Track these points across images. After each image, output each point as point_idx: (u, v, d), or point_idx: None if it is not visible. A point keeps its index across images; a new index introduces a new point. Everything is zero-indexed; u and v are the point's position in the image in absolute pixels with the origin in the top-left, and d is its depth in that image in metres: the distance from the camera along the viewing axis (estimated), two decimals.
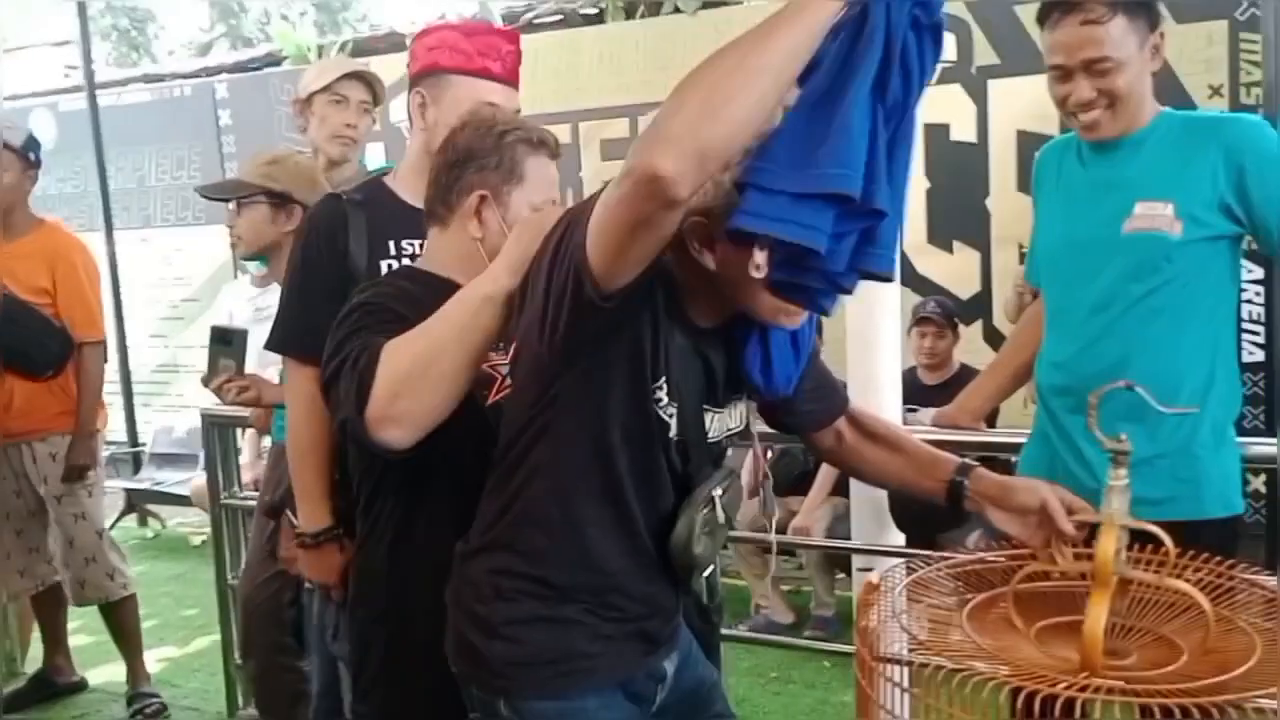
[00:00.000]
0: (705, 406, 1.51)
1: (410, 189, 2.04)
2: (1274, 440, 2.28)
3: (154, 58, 19.24)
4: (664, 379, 1.42)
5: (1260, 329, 4.54)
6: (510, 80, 2.11)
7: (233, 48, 16.94)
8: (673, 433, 1.44)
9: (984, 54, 5.08)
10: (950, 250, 5.25)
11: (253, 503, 3.50)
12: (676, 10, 6.14)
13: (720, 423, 1.56)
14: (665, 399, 1.42)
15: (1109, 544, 1.36)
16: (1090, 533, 1.44)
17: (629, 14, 6.52)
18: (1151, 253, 2.03)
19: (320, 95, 3.02)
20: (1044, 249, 2.26)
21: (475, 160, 1.71)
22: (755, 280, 1.29)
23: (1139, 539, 1.46)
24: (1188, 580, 1.39)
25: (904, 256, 5.55)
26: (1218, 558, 1.48)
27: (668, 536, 1.47)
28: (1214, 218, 2.03)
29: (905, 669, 1.39)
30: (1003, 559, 1.55)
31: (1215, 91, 4.61)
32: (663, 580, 1.53)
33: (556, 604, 1.46)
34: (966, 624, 1.46)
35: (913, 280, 5.16)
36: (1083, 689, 1.20)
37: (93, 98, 6.91)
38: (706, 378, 1.50)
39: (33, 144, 3.77)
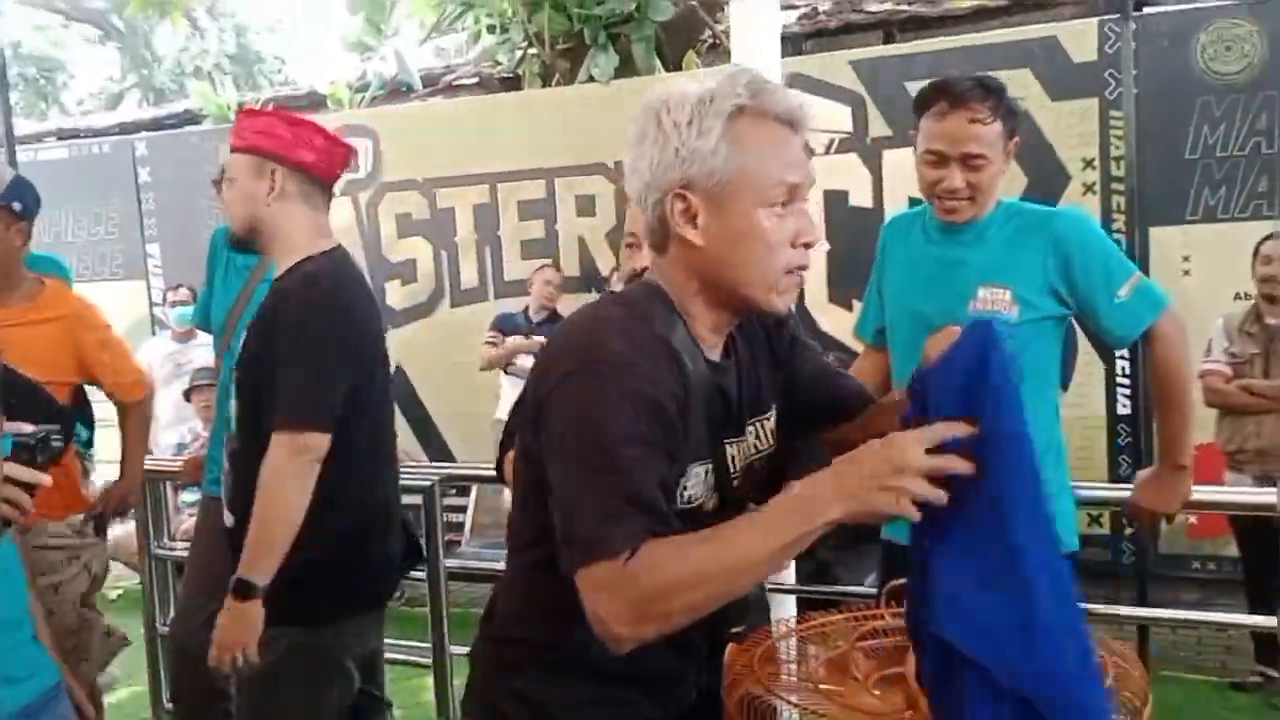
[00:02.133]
0: (725, 440, 1.48)
1: None
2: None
3: (63, 108, 19.05)
4: (688, 468, 1.40)
5: (1129, 383, 4.87)
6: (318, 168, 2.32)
7: (145, 100, 16.87)
8: (709, 505, 1.45)
9: (878, 126, 5.39)
10: (849, 308, 5.52)
11: (182, 554, 3.59)
12: (591, 79, 6.39)
13: (742, 450, 1.52)
14: (689, 485, 1.41)
15: None
16: None
17: (545, 81, 6.75)
18: None
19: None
20: (894, 319, 2.49)
21: None
22: (755, 240, 1.33)
23: None
24: None
25: (805, 312, 5.84)
26: None
27: None
28: (1044, 301, 2.29)
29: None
30: (842, 619, 1.74)
31: (1088, 164, 4.97)
32: (694, 638, 1.49)
33: (609, 685, 1.46)
34: (821, 675, 1.65)
35: (814, 336, 5.41)
36: None
37: (12, 153, 6.94)
38: (724, 409, 1.47)
39: (15, 192, 3.02)
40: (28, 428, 1.73)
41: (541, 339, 5.86)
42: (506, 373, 5.95)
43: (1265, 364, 4.11)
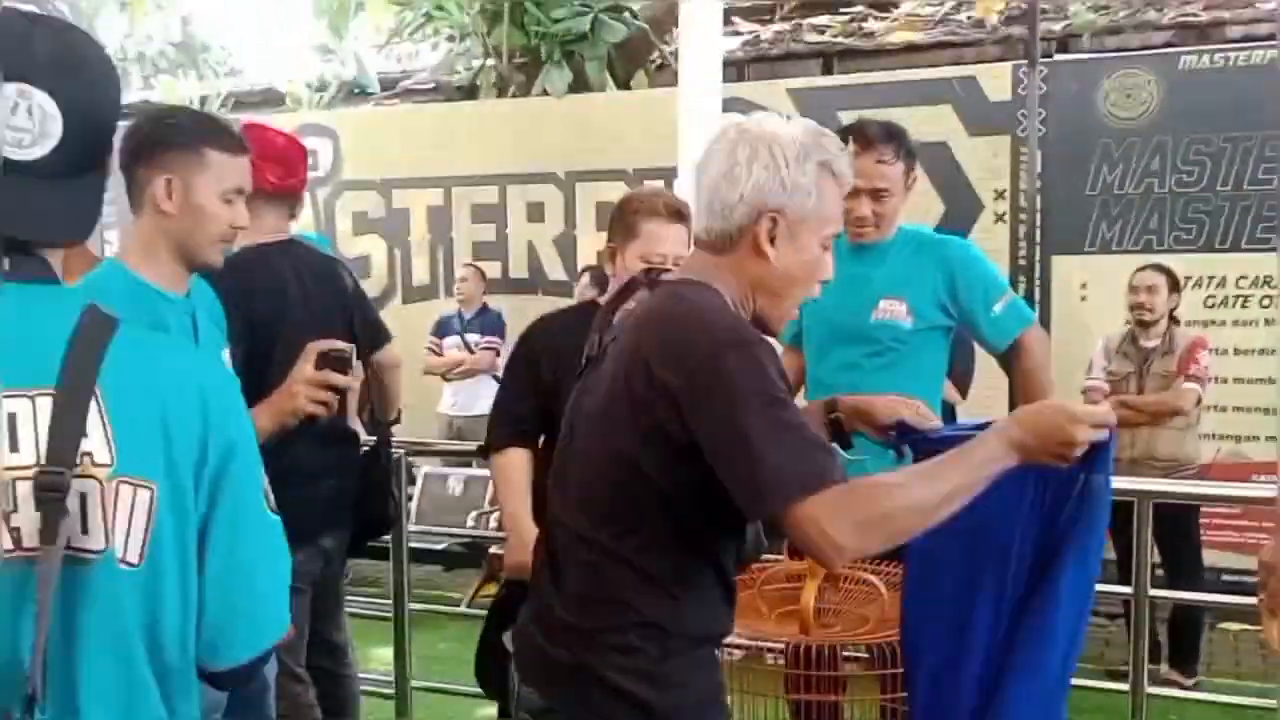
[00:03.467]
0: None
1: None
2: None
3: None
4: None
5: None
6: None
7: None
8: None
9: None
10: None
11: None
12: (545, 93, 6.75)
13: None
14: None
15: None
16: None
17: (501, 92, 7.09)
18: (891, 336, 2.69)
19: None
20: (809, 325, 2.86)
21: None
22: (809, 268, 1.60)
23: None
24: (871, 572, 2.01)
25: None
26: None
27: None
28: (933, 313, 2.72)
29: None
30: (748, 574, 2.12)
31: (999, 195, 5.44)
32: None
33: (699, 648, 1.61)
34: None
35: None
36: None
37: None
38: None
39: None
40: (340, 344, 2.15)
41: (479, 341, 6.20)
42: (446, 380, 6.27)
43: (1139, 382, 4.58)
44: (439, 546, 5.53)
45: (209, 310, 2.19)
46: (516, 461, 2.51)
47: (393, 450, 3.04)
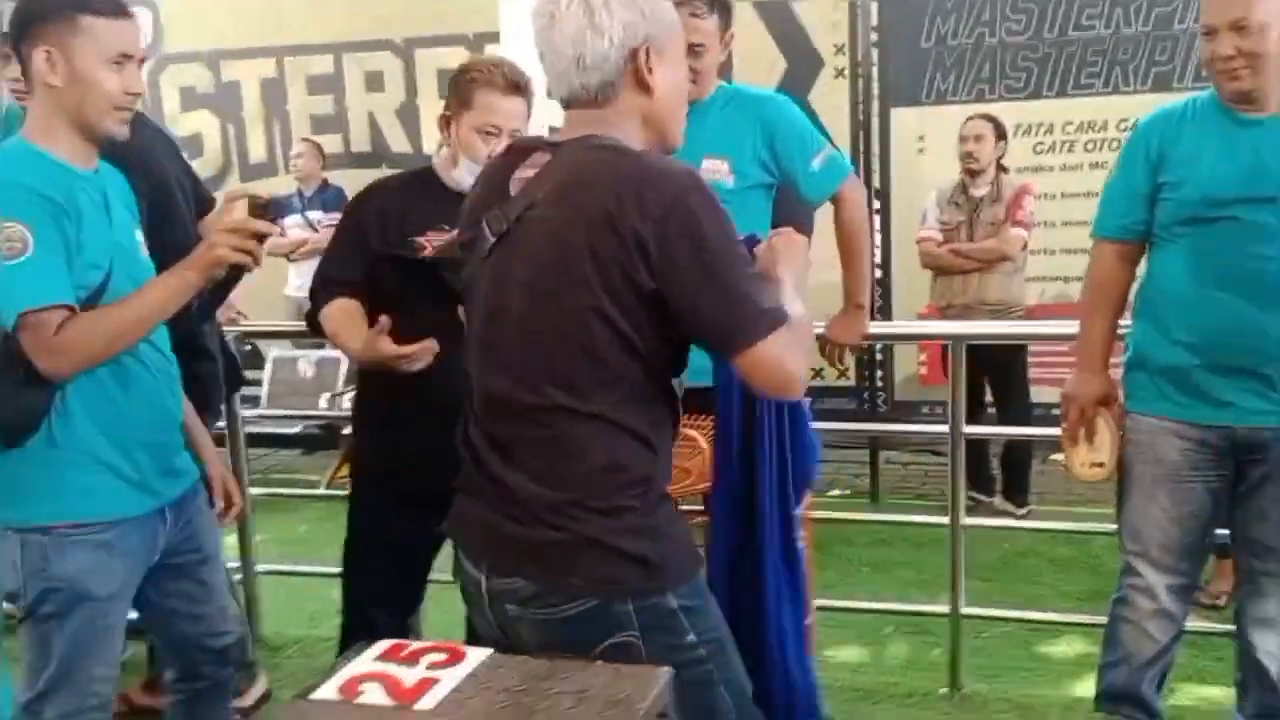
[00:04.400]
0: None
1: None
2: None
3: None
4: None
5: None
6: None
7: None
8: None
9: None
10: None
11: None
12: None
13: None
14: None
15: None
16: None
17: None
18: None
19: None
20: None
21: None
22: (683, 91, 1.67)
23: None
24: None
25: None
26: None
27: None
28: (755, 172, 2.73)
29: None
30: None
31: (839, 49, 5.45)
32: None
33: (668, 497, 1.64)
34: None
35: None
36: None
37: None
38: None
39: None
40: (261, 193, 2.07)
41: (322, 220, 6.04)
42: (290, 260, 6.11)
43: (970, 230, 4.74)
44: (293, 430, 5.47)
45: (118, 191, 2.10)
46: (347, 306, 2.40)
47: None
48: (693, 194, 1.48)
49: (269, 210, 2.01)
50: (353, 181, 6.31)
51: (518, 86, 2.35)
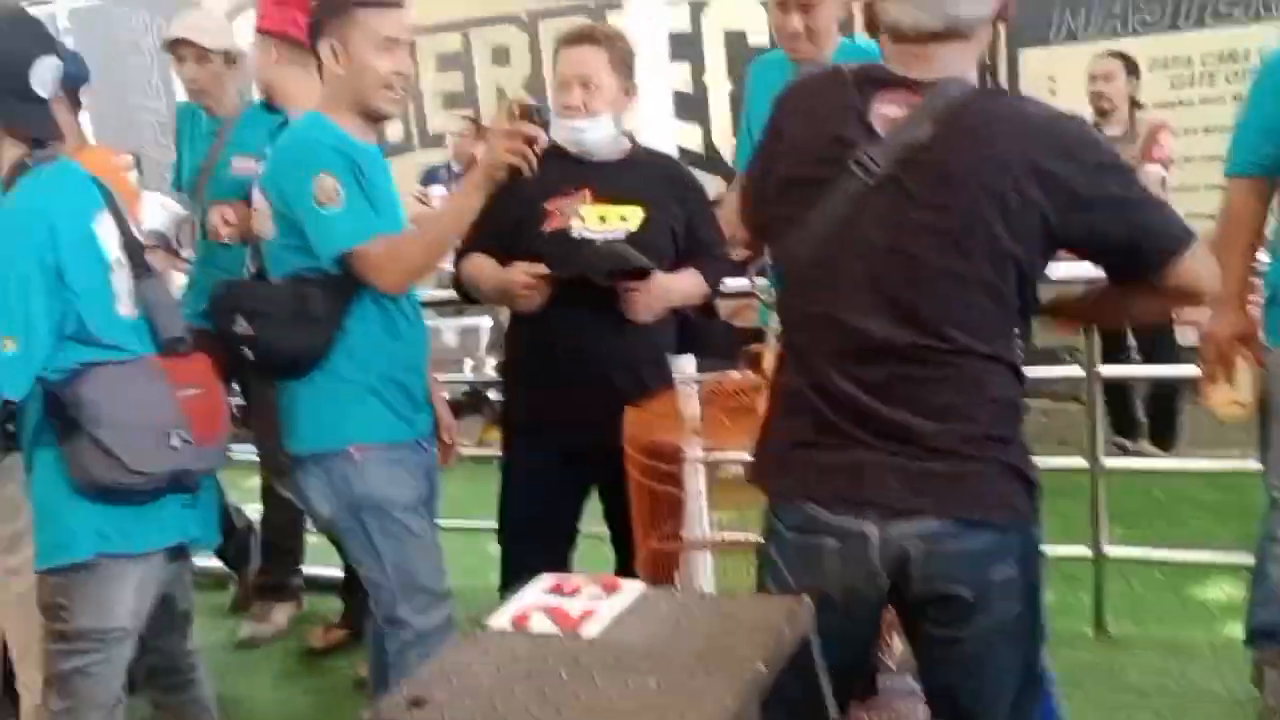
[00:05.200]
0: None
1: None
2: None
3: None
4: None
5: None
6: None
7: None
8: None
9: None
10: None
11: None
12: None
13: None
14: None
15: (767, 360, 2.10)
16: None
17: None
18: None
19: (170, 52, 3.37)
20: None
21: None
22: None
23: None
24: None
25: (713, 146, 6.25)
26: None
27: None
28: None
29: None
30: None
31: None
32: None
33: None
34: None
35: (720, 170, 5.84)
36: None
37: None
38: None
39: None
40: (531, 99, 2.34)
41: None
42: None
43: None
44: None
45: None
46: (481, 257, 2.53)
47: None
48: (1091, 129, 1.64)
49: (535, 114, 2.17)
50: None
51: (584, 35, 2.53)
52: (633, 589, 1.50)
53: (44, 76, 2.05)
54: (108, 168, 3.19)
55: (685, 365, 3.00)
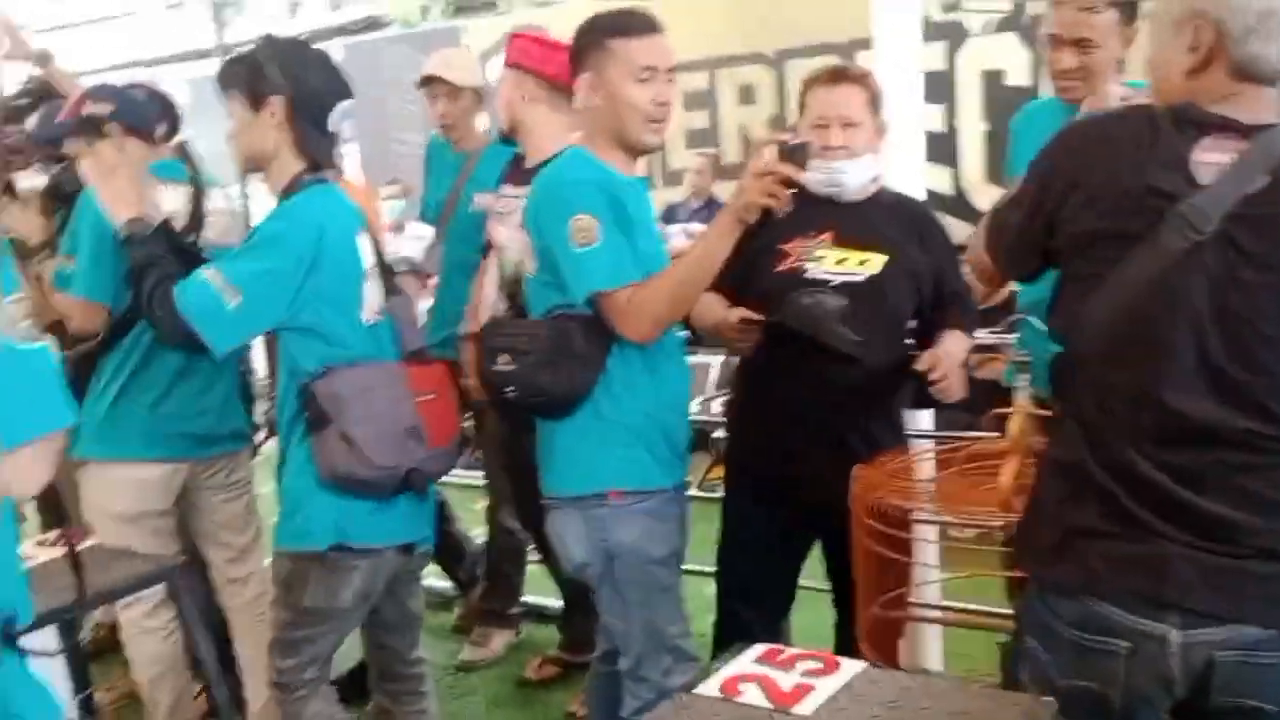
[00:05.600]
0: None
1: None
2: None
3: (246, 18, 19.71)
4: None
5: None
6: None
7: (334, 7, 17.51)
8: None
9: (1036, 4, 5.45)
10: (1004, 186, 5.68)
11: None
12: None
13: None
14: None
15: (1016, 424, 1.94)
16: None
17: None
18: None
19: (423, 88, 3.51)
20: None
21: None
22: None
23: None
24: None
25: (962, 193, 6.02)
26: None
27: None
28: None
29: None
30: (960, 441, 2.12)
31: None
32: None
33: None
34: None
35: (969, 216, 5.60)
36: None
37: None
38: None
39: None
40: (783, 135, 2.20)
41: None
42: None
43: None
44: None
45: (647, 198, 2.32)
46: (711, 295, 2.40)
47: None
48: None
49: (797, 155, 2.04)
50: (725, 193, 6.50)
51: (840, 74, 2.40)
52: (851, 668, 1.40)
53: (338, 118, 2.28)
54: (362, 199, 3.43)
55: (922, 420, 2.88)
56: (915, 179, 2.89)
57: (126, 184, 2.37)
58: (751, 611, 2.54)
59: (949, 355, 2.31)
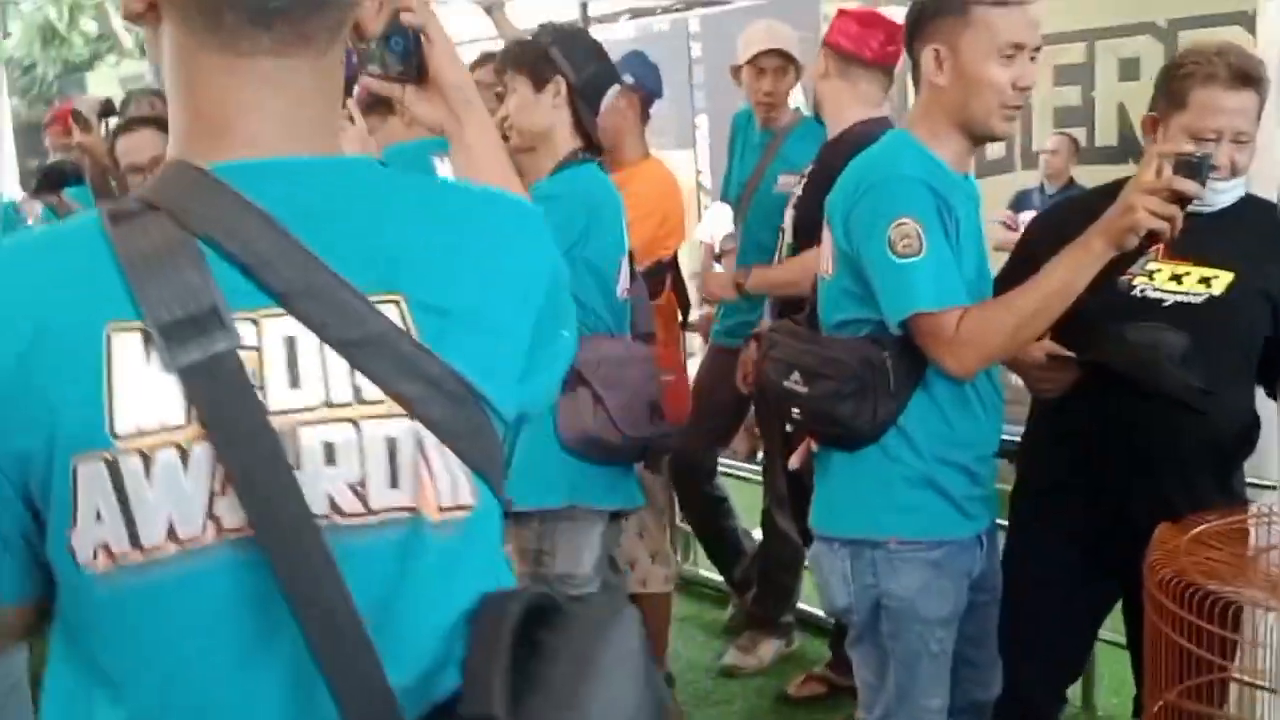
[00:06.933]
0: None
1: None
2: None
3: None
4: None
5: None
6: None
7: None
8: None
9: None
10: None
11: None
12: None
13: None
14: None
15: None
16: None
17: None
18: None
19: (747, 66, 3.30)
20: None
21: None
22: None
23: None
24: None
25: None
26: None
27: None
28: None
29: None
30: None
31: None
32: None
33: None
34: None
35: None
36: None
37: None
38: None
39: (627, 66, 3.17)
40: (1189, 146, 1.86)
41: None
42: None
43: None
44: None
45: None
46: None
47: None
48: None
49: (1200, 170, 1.70)
50: (1095, 178, 5.83)
51: (1245, 77, 1.91)
52: None
53: (608, 100, 2.47)
54: (661, 177, 3.34)
55: (1267, 470, 2.39)
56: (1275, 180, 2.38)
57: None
58: (1034, 669, 2.17)
59: None
